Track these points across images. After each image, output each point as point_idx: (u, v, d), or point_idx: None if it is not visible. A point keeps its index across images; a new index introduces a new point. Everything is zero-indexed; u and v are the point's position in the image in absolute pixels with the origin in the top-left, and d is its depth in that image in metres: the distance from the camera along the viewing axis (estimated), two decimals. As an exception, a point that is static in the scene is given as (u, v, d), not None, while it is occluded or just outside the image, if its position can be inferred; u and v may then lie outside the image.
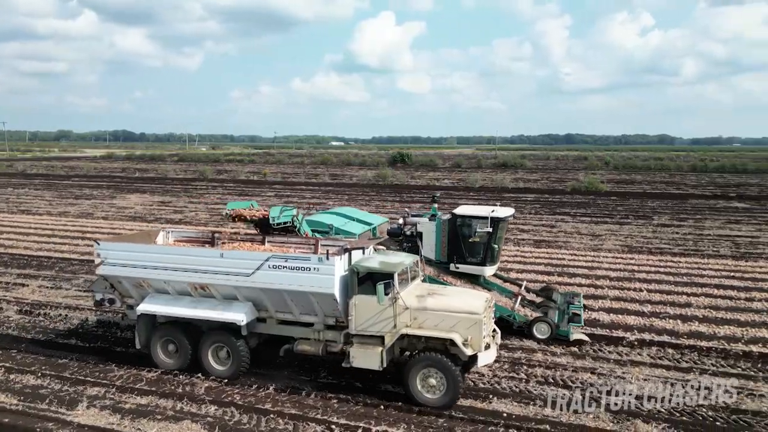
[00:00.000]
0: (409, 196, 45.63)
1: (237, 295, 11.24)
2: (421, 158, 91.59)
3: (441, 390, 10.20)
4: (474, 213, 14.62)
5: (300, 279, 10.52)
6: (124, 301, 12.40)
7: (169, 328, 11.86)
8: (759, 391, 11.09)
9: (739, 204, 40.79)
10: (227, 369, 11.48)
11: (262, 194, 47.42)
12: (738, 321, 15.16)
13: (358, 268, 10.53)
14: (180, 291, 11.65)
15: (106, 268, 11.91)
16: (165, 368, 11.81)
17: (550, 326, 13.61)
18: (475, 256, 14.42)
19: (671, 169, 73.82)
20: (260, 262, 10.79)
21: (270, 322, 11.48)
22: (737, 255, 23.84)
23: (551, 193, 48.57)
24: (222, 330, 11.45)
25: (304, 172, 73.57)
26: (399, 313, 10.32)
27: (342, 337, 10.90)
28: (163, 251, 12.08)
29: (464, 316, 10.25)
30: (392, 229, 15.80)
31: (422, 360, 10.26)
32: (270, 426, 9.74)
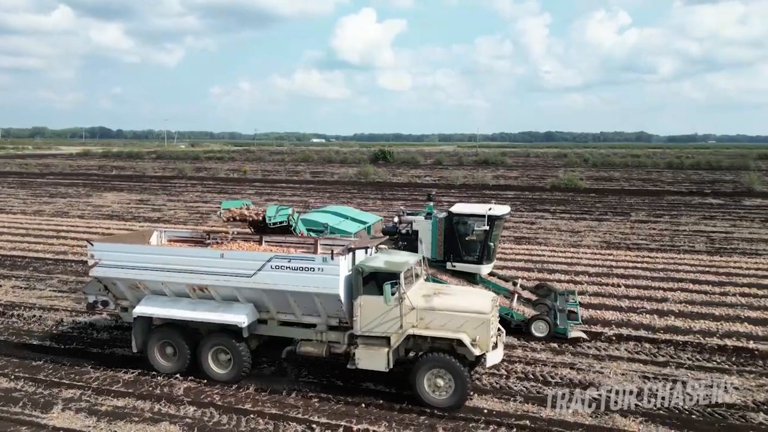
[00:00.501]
0: (390, 194, 45.66)
1: (238, 296, 10.97)
2: (403, 155, 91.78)
3: (449, 391, 10.05)
4: (471, 211, 14.58)
5: (304, 279, 10.30)
6: (118, 303, 12.07)
7: (166, 331, 11.54)
8: (733, 384, 11.30)
9: (714, 200, 41.64)
10: (228, 372, 11.19)
11: (243, 192, 47.01)
12: (713, 315, 15.46)
13: (363, 268, 10.33)
14: (178, 292, 11.37)
15: (101, 270, 11.57)
16: (163, 372, 11.50)
17: (549, 324, 13.59)
18: (472, 255, 14.39)
19: (648, 166, 75.04)
20: (262, 262, 10.54)
21: (271, 324, 11.22)
22: (712, 250, 24.32)
23: (531, 190, 49.01)
24: (222, 332, 11.15)
25: (284, 169, 73.14)
26: (405, 313, 10.15)
27: (346, 338, 10.72)
28: (161, 252, 11.78)
29: (472, 316, 10.14)
30: (387, 227, 15.69)
31: (430, 361, 10.10)
32: (250, 426, 9.65)
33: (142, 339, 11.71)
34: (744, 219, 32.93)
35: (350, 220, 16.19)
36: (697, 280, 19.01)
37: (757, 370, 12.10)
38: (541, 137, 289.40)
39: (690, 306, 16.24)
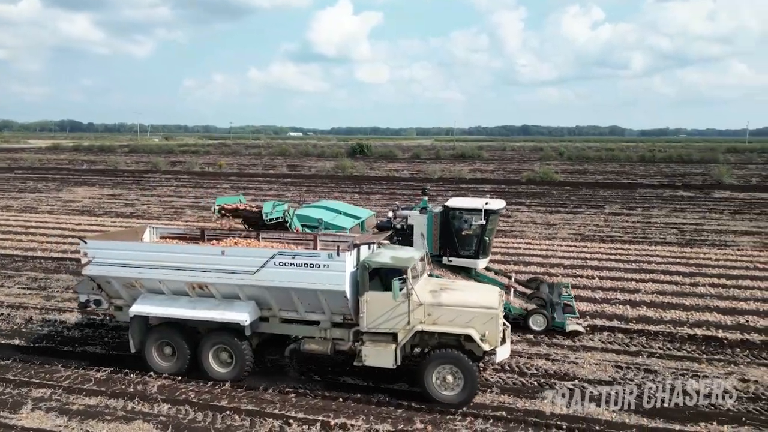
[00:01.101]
0: (368, 188, 45.57)
1: (239, 293, 10.71)
2: (381, 149, 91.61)
3: (458, 387, 9.97)
4: (467, 205, 14.52)
5: (309, 276, 10.10)
6: (112, 302, 11.73)
7: (165, 330, 11.21)
8: (702, 373, 11.60)
9: (685, 193, 42.54)
10: (230, 371, 10.92)
11: (218, 186, 46.44)
12: (683, 305, 15.81)
13: (369, 264, 10.19)
14: (176, 290, 11.05)
15: (94, 268, 11.18)
16: (162, 372, 11.16)
17: (546, 318, 13.60)
18: (468, 249, 14.34)
19: (621, 160, 76.30)
20: (265, 259, 10.30)
21: (273, 321, 10.99)
22: (683, 242, 24.87)
23: (507, 183, 49.42)
24: (223, 330, 10.88)
25: (261, 163, 72.41)
26: (413, 309, 10.06)
27: (351, 334, 10.55)
28: (159, 249, 11.41)
29: (481, 311, 10.08)
30: (382, 222, 15.52)
31: (438, 357, 10.00)
32: (226, 423, 9.55)
33: (139, 339, 11.38)
34: (713, 211, 33.73)
35: (343, 215, 16.01)
36: (668, 271, 19.42)
37: (725, 358, 12.42)
38: (517, 131, 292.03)
39: (661, 296, 16.59)
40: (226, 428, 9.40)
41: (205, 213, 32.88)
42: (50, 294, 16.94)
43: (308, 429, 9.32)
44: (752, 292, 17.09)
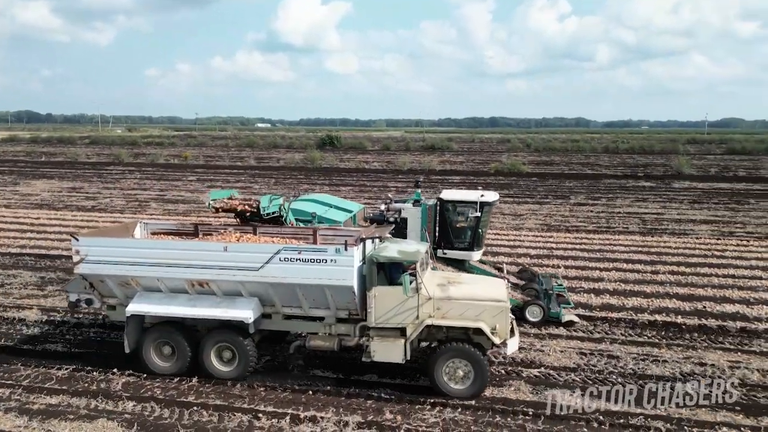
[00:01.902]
0: (338, 179, 45.37)
1: (242, 290, 10.45)
2: (351, 141, 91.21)
3: (468, 380, 9.98)
4: (463, 198, 14.49)
5: (315, 272, 9.91)
6: (105, 302, 11.33)
7: (164, 329, 10.86)
8: (662, 357, 11.99)
9: (647, 183, 43.71)
10: (233, 370, 10.66)
11: (184, 179, 45.56)
12: (644, 293, 16.28)
13: (378, 259, 10.04)
14: (174, 288, 10.71)
15: (88, 266, 10.74)
16: (161, 372, 10.83)
17: (543, 309, 13.69)
18: (463, 241, 14.33)
19: (587, 151, 77.82)
20: (270, 254, 10.05)
21: (276, 318, 10.75)
22: (644, 231, 25.59)
23: (476, 174, 49.86)
24: (226, 328, 10.61)
25: (228, 155, 71.26)
26: (422, 303, 9.96)
27: (357, 330, 10.42)
28: (158, 246, 11.06)
29: (491, 304, 10.06)
30: (375, 215, 15.36)
31: (449, 351, 9.96)
32: (193, 419, 9.43)
33: (134, 339, 11.01)
34: (673, 201, 34.78)
35: (335, 208, 15.84)
36: (630, 260, 19.96)
37: (684, 343, 12.86)
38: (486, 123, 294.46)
39: (624, 284, 17.04)
40: (194, 424, 9.28)
41: (171, 207, 32.26)
42: (8, 291, 16.38)
43: (278, 422, 9.29)
44: (709, 279, 17.71)
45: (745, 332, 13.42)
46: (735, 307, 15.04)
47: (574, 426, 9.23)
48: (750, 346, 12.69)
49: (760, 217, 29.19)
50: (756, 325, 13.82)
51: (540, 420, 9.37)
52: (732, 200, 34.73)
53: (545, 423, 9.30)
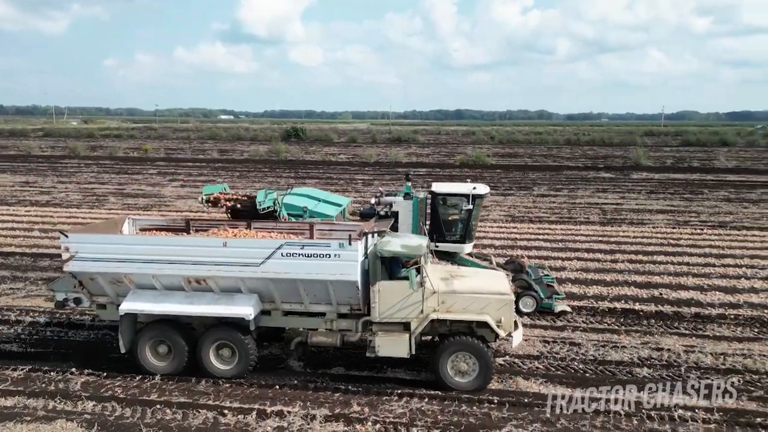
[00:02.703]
0: (304, 172, 44.99)
1: (241, 287, 10.23)
2: (316, 133, 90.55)
3: (474, 373, 10.00)
4: (455, 190, 14.47)
5: (319, 267, 9.76)
6: (94, 300, 10.90)
7: (160, 328, 10.55)
8: (621, 343, 12.36)
9: (606, 174, 44.85)
10: (233, 368, 10.42)
11: (144, 172, 44.40)
12: (604, 281, 16.74)
13: (382, 253, 9.97)
14: (169, 285, 10.42)
15: (78, 264, 10.32)
16: (157, 372, 10.52)
17: (536, 300, 13.75)
18: (454, 234, 14.31)
19: (549, 143, 79.22)
20: (271, 250, 9.84)
21: (275, 314, 10.57)
22: (604, 221, 26.29)
23: (442, 167, 50.21)
24: (225, 326, 10.36)
25: (190, 147, 69.71)
26: (427, 297, 9.92)
27: (360, 325, 10.31)
28: (153, 242, 10.68)
29: (495, 297, 10.06)
30: (365, 209, 15.18)
31: (454, 344, 9.95)
32: (156, 417, 9.24)
33: (129, 338, 10.62)
34: (632, 191, 35.80)
35: (323, 202, 15.62)
36: (591, 249, 20.48)
37: (641, 329, 13.29)
38: (451, 115, 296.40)
39: (585, 273, 17.48)
40: (157, 423, 9.10)
41: (131, 201, 31.41)
42: (-43, 290, 15.68)
43: (243, 418, 9.19)
44: (665, 266, 18.33)
45: (699, 317, 13.95)
46: (689, 293, 15.61)
47: (537, 412, 9.44)
48: (704, 330, 13.20)
49: (713, 206, 30.34)
50: (709, 310, 14.38)
51: (505, 407, 9.55)
52: (687, 190, 35.99)
53: (509, 410, 9.48)
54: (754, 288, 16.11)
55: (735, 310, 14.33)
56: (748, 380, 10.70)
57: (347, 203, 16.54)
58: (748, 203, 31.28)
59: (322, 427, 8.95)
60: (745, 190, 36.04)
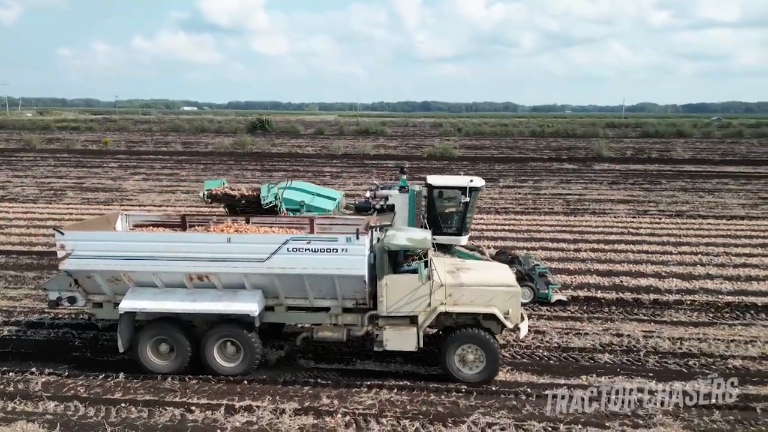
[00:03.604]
0: (271, 165, 44.48)
1: (245, 283, 10.08)
2: (282, 125, 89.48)
3: (480, 365, 10.04)
4: (452, 183, 14.45)
5: (325, 261, 9.68)
6: (90, 299, 10.55)
7: (161, 326, 10.31)
8: (584, 330, 12.71)
9: (570, 165, 45.80)
10: (238, 365, 10.26)
11: (104, 165, 43.14)
12: (568, 270, 17.15)
13: (390, 247, 9.95)
14: (170, 283, 10.20)
15: (75, 262, 10.00)
16: (158, 371, 10.27)
17: (533, 290, 13.80)
18: (452, 226, 14.28)
19: (515, 135, 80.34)
20: (277, 245, 9.71)
21: (279, 310, 10.44)
22: (568, 211, 26.89)
23: (410, 159, 50.32)
24: (229, 323, 10.21)
25: (152, 139, 68.00)
26: (434, 290, 9.93)
27: (366, 319, 10.29)
28: (154, 239, 10.46)
29: (502, 290, 10.13)
30: (361, 203, 15.06)
31: (461, 337, 9.98)
32: (121, 416, 9.07)
33: (129, 337, 10.34)
34: (594, 182, 36.69)
35: (318, 196, 15.46)
36: (555, 239, 20.94)
37: (603, 316, 13.70)
38: (418, 107, 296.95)
39: (549, 263, 17.82)
40: (122, 421, 8.94)
41: (90, 195, 30.51)
42: None
43: (212, 414, 9.11)
44: (626, 255, 18.90)
45: (657, 304, 14.45)
46: (648, 280, 16.15)
47: (504, 399, 9.65)
48: (662, 316, 13.69)
49: (670, 196, 31.37)
50: (667, 296, 14.92)
51: (472, 396, 9.73)
52: (646, 181, 37.08)
53: (477, 398, 9.66)
54: (709, 274, 16.77)
55: (691, 296, 14.90)
56: (703, 363, 11.17)
57: (340, 196, 16.50)
58: (704, 193, 32.45)
59: (292, 421, 8.94)
60: (700, 180, 37.35)
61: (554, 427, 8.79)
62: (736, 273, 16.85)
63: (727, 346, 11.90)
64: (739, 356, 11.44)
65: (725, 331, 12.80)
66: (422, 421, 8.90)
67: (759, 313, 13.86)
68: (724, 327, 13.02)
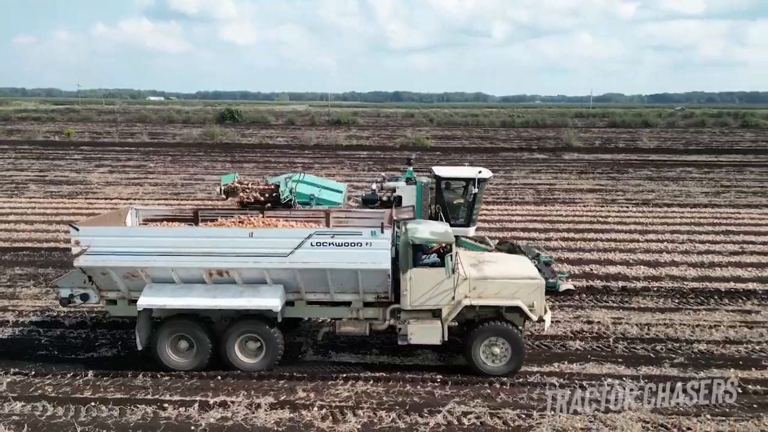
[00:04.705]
0: (241, 156, 43.85)
1: (266, 278, 9.93)
2: (253, 115, 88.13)
3: (506, 358, 10.06)
4: (460, 174, 14.43)
5: (350, 256, 9.60)
6: (103, 296, 10.29)
7: (180, 323, 10.15)
8: (555, 318, 12.92)
9: (540, 155, 46.42)
10: (260, 361, 10.19)
11: (67, 157, 41.87)
12: (539, 259, 17.38)
13: (414, 240, 9.88)
14: (188, 278, 10.00)
15: (91, 258, 9.72)
16: (177, 369, 10.14)
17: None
18: (459, 218, 14.24)
19: (485, 125, 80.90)
20: (300, 239, 9.59)
21: (299, 305, 10.34)
22: (538, 201, 27.28)
23: (382, 149, 50.29)
24: (251, 318, 10.11)
25: (117, 130, 66.15)
26: (458, 284, 9.92)
27: (387, 313, 10.25)
28: (174, 234, 10.21)
29: (526, 282, 10.16)
30: (368, 195, 14.88)
31: (487, 330, 10.00)
32: (91, 415, 8.87)
33: (147, 335, 10.18)
34: (563, 172, 37.28)
35: (324, 189, 15.20)
36: (526, 228, 21.22)
37: (574, 304, 13.97)
38: (390, 97, 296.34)
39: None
40: (92, 420, 8.74)
41: (53, 188, 29.58)
42: None
43: (185, 411, 8.98)
44: (595, 243, 19.30)
45: (625, 291, 14.81)
46: (617, 268, 16.53)
47: (479, 388, 9.77)
48: (630, 303, 14.04)
49: (637, 185, 32.11)
50: (635, 284, 15.30)
51: (447, 385, 9.82)
52: (613, 170, 37.85)
53: (452, 388, 9.76)
54: (675, 261, 17.25)
55: (657, 283, 15.32)
56: (670, 348, 11.50)
57: (344, 189, 16.33)
58: (669, 181, 33.31)
59: (268, 415, 8.89)
60: (665, 168, 38.32)
61: (528, 414, 8.94)
62: (700, 260, 17.37)
63: (693, 331, 12.29)
64: (703, 340, 11.83)
65: (690, 316, 13.20)
66: (398, 412, 8.96)
67: (722, 298, 14.34)
68: (689, 312, 13.43)
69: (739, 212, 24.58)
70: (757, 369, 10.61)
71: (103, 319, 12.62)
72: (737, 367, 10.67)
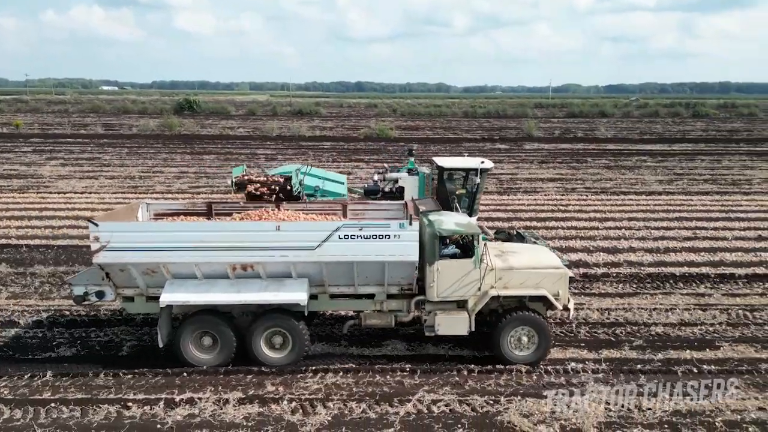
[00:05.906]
0: (201, 147, 42.89)
1: (292, 271, 9.81)
2: (212, 105, 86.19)
3: (533, 346, 10.16)
4: (463, 165, 14.32)
5: (378, 248, 9.58)
6: (119, 293, 10.06)
7: (203, 319, 9.94)
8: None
9: (502, 146, 47.08)
10: (287, 355, 10.07)
11: (16, 150, 40.10)
12: (503, 247, 17.66)
13: (441, 232, 9.88)
14: (210, 273, 9.82)
15: (111, 254, 9.47)
16: (201, 365, 9.93)
17: None
18: (462, 208, 14.07)
19: (448, 116, 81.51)
20: (328, 232, 9.53)
21: (322, 298, 10.28)
22: (501, 190, 27.70)
23: (346, 140, 50.04)
24: (276, 313, 9.98)
25: (69, 121, 63.69)
26: (485, 275, 9.93)
27: (412, 305, 10.28)
28: (197, 228, 9.97)
29: (551, 271, 10.30)
30: (370, 186, 14.69)
31: (515, 320, 10.08)
32: (52, 417, 8.57)
33: (168, 331, 9.96)
34: (525, 161, 37.94)
35: (326, 180, 14.89)
36: (490, 218, 21.51)
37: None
38: (352, 87, 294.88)
39: (486, 241, 18.35)
40: (53, 422, 8.45)
41: (2, 183, 28.30)
42: None
43: (150, 409, 8.78)
44: (557, 231, 19.75)
45: (586, 277, 15.22)
46: (578, 255, 16.96)
47: (447, 376, 9.89)
48: (591, 289, 14.44)
49: (595, 174, 32.97)
50: (595, 270, 15.74)
51: (416, 374, 9.91)
52: (573, 160, 38.75)
53: (421, 377, 9.85)
54: (632, 247, 17.83)
55: (616, 269, 15.81)
56: (629, 331, 11.91)
57: (345, 180, 16.13)
58: (625, 170, 34.33)
59: (236, 410, 8.77)
60: (622, 157, 39.46)
61: (496, 399, 9.11)
62: (655, 245, 18.00)
63: (650, 315, 12.75)
64: (660, 323, 12.29)
65: (648, 300, 13.69)
66: (369, 402, 8.98)
67: (677, 282, 14.90)
68: (646, 296, 13.92)
69: (692, 199, 25.56)
70: (711, 350, 11.10)
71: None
72: (692, 348, 11.13)
